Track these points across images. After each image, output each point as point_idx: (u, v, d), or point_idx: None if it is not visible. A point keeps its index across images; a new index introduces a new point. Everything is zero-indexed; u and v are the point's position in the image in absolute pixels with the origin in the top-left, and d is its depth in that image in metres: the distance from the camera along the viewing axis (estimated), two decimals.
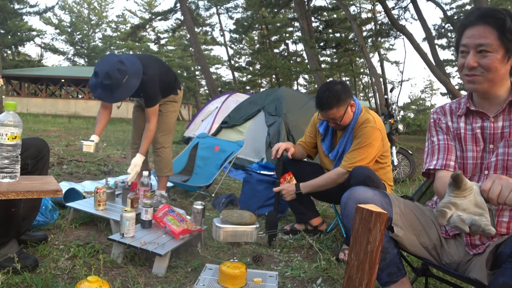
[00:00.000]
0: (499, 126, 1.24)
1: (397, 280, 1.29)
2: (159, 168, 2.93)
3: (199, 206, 2.07)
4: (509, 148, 1.20)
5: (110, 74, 2.32)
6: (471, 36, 1.19)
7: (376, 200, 1.28)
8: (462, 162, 1.32)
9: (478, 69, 1.19)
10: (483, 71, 1.18)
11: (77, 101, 21.63)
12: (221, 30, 29.45)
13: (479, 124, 1.29)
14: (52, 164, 4.34)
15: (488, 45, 1.15)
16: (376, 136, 2.13)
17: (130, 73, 2.42)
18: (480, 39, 1.17)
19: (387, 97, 5.62)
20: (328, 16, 20.39)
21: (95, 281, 1.25)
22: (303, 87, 32.00)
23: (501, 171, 1.20)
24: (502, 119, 1.24)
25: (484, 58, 1.17)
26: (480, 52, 1.17)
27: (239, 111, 5.63)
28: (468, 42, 1.20)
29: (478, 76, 1.19)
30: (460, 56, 1.25)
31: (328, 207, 3.27)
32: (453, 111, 1.37)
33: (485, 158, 1.26)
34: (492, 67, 1.17)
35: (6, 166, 1.34)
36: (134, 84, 2.45)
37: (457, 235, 1.30)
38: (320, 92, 2.16)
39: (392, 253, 1.28)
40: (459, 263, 1.27)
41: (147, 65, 2.60)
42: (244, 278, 1.59)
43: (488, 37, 1.15)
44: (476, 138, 1.29)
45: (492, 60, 1.16)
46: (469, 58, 1.19)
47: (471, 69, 1.19)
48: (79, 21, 35.84)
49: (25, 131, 6.83)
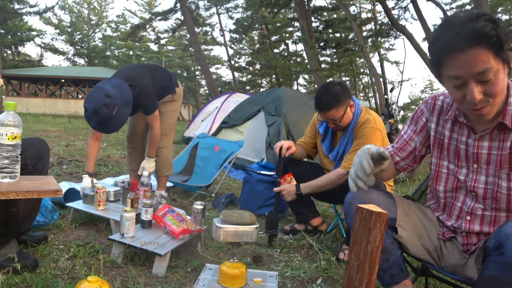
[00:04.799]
0: (484, 146, 1.15)
1: (400, 282, 1.29)
2: (158, 168, 2.93)
3: (199, 206, 2.07)
4: (499, 179, 1.13)
5: (98, 111, 2.30)
6: (465, 65, 0.99)
7: (381, 201, 1.27)
8: (437, 170, 1.29)
9: (484, 99, 1.03)
10: (489, 100, 1.03)
11: (77, 101, 21.60)
12: (221, 30, 29.46)
13: (464, 138, 1.20)
14: (52, 164, 4.34)
15: (489, 71, 0.98)
16: (377, 136, 2.13)
17: (119, 104, 2.36)
18: (478, 66, 0.97)
19: (387, 97, 5.62)
20: (328, 16, 20.40)
21: (95, 281, 1.25)
22: (303, 87, 32.01)
23: (491, 200, 1.16)
24: (489, 138, 1.14)
25: (488, 85, 1.00)
26: (482, 80, 1.00)
27: (239, 111, 5.63)
28: (463, 73, 1.00)
29: (486, 107, 1.04)
30: (455, 89, 1.06)
31: (328, 207, 3.27)
32: (443, 110, 1.27)
33: (469, 176, 1.20)
34: (499, 91, 1.02)
35: (6, 166, 1.34)
36: (126, 114, 2.44)
37: (453, 238, 1.30)
38: (319, 94, 2.15)
39: (395, 254, 1.28)
40: (456, 267, 1.26)
41: (136, 77, 2.58)
42: (244, 278, 1.59)
43: (486, 60, 0.97)
44: (459, 153, 1.22)
45: (498, 84, 1.01)
46: (472, 91, 1.00)
47: (477, 102, 1.03)
48: (79, 21, 35.82)
49: (25, 131, 6.83)
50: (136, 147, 3.02)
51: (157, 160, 2.90)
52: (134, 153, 3.02)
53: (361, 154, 1.14)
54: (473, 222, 1.22)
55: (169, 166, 2.99)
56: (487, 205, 1.18)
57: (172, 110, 2.96)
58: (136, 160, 3.01)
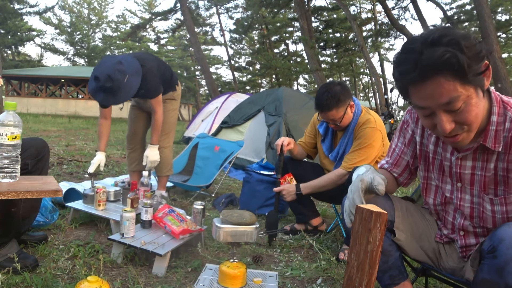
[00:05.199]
0: (467, 166, 1.10)
1: (399, 283, 1.29)
2: (159, 168, 2.92)
3: (199, 206, 2.07)
4: (484, 201, 1.11)
5: (111, 76, 2.31)
6: (428, 96, 0.91)
7: (379, 202, 1.26)
8: (426, 183, 1.29)
9: (457, 127, 0.95)
10: (464, 127, 0.96)
11: (77, 101, 21.62)
12: (221, 30, 29.49)
13: (448, 155, 1.15)
14: (52, 164, 4.34)
15: (457, 99, 0.89)
16: (377, 137, 2.13)
17: (129, 73, 2.40)
18: (443, 97, 0.89)
19: (387, 97, 5.63)
20: (328, 16, 20.41)
21: (95, 281, 1.25)
22: (303, 87, 32.04)
23: (478, 219, 1.15)
24: (472, 158, 1.08)
25: (459, 114, 0.92)
26: (450, 110, 0.92)
27: (239, 111, 5.63)
28: (429, 105, 0.93)
29: (462, 133, 0.97)
30: (424, 118, 0.99)
31: (328, 207, 3.27)
32: None
33: (454, 194, 1.19)
34: (472, 118, 0.93)
35: (6, 166, 1.34)
36: (136, 83, 2.44)
37: (451, 241, 1.29)
38: (319, 94, 2.15)
39: (394, 256, 1.28)
40: (454, 269, 1.26)
41: (143, 59, 2.60)
42: (244, 278, 1.59)
43: (451, 90, 0.88)
44: (443, 169, 1.19)
45: (470, 111, 0.92)
46: (442, 122, 0.93)
47: (450, 132, 0.96)
48: (79, 21, 35.82)
49: (25, 131, 6.83)
50: (136, 147, 3.01)
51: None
52: (134, 153, 3.01)
53: (354, 189, 1.11)
54: (467, 236, 1.22)
55: (170, 166, 2.99)
56: (475, 223, 1.17)
57: (172, 109, 2.96)
58: (136, 160, 3.00)
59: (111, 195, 2.48)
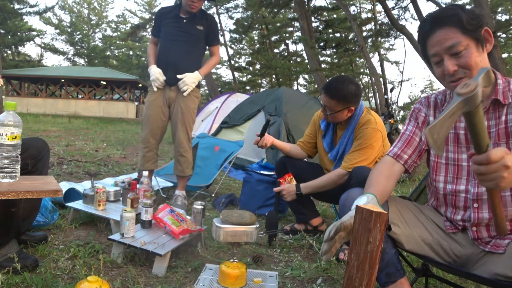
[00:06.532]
0: None
1: (396, 281, 1.28)
2: (182, 169, 2.94)
3: (199, 206, 2.07)
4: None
5: None
6: (437, 43, 1.17)
7: None
8: (439, 162, 1.32)
9: (460, 71, 1.16)
10: (465, 71, 1.16)
11: (77, 101, 21.62)
12: (221, 30, 29.42)
13: (462, 124, 1.26)
14: (52, 164, 4.34)
15: (458, 44, 1.14)
16: (377, 137, 2.13)
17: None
18: (447, 41, 1.15)
19: (387, 97, 5.63)
20: (328, 16, 20.41)
21: (95, 281, 1.25)
22: (303, 87, 32.01)
23: None
24: (486, 118, 1.21)
25: (461, 58, 1.15)
26: (454, 55, 1.15)
27: (239, 111, 5.63)
28: (438, 50, 1.18)
29: (463, 77, 1.16)
30: (436, 67, 1.22)
31: (328, 207, 3.27)
32: (437, 104, 1.35)
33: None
34: (472, 63, 1.14)
35: (6, 166, 1.34)
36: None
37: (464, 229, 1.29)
38: (336, 79, 2.17)
39: (390, 253, 1.27)
40: (471, 255, 1.25)
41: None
42: (244, 278, 1.59)
43: (454, 36, 1.14)
44: (458, 139, 1.27)
45: (470, 57, 1.14)
46: (446, 64, 1.17)
47: (453, 73, 1.17)
48: (79, 21, 35.85)
49: (25, 131, 6.83)
50: (152, 147, 2.98)
51: (183, 161, 2.93)
52: (150, 153, 2.97)
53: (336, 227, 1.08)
54: (481, 208, 1.22)
55: (191, 167, 3.04)
56: None
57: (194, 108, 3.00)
58: (151, 160, 2.98)
59: (111, 195, 2.48)
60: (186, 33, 2.91)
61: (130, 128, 12.35)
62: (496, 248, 1.20)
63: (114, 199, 2.49)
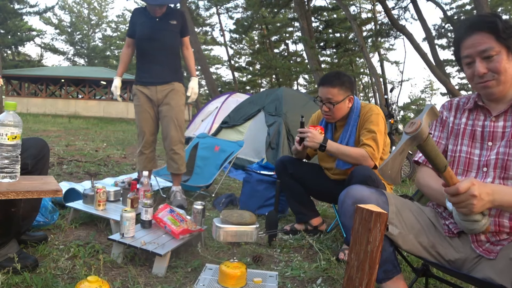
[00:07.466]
0: (499, 126, 1.28)
1: (392, 277, 1.32)
2: (178, 166, 2.97)
3: (199, 206, 2.07)
4: (510, 148, 1.22)
5: None
6: (471, 45, 1.23)
7: (373, 198, 1.29)
8: (454, 156, 1.36)
9: (489, 74, 1.22)
10: (494, 75, 1.22)
11: (77, 101, 21.61)
12: (221, 30, 29.44)
13: (480, 122, 1.33)
14: (52, 164, 4.34)
15: (491, 49, 1.20)
16: (381, 121, 2.20)
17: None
18: (481, 45, 1.21)
19: (387, 97, 5.62)
20: (328, 16, 20.41)
21: (95, 281, 1.25)
22: (303, 87, 32.01)
23: (500, 170, 1.22)
24: (504, 119, 1.27)
25: (491, 62, 1.21)
26: (486, 58, 1.21)
27: (239, 111, 5.62)
28: (471, 52, 1.24)
29: (491, 80, 1.23)
30: (467, 68, 1.28)
31: (328, 207, 3.27)
32: (459, 106, 1.42)
33: (483, 155, 1.28)
34: (501, 68, 1.20)
35: (6, 166, 1.34)
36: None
37: (462, 233, 1.30)
38: (328, 73, 2.25)
39: (388, 251, 1.30)
40: (465, 260, 1.27)
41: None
42: (244, 278, 1.59)
43: (487, 42, 1.20)
44: (474, 135, 1.33)
45: (500, 62, 1.20)
46: (477, 66, 1.22)
47: (483, 76, 1.22)
48: (79, 21, 35.86)
49: (25, 131, 6.83)
50: (149, 147, 3.07)
51: (177, 158, 2.97)
52: (151, 154, 3.08)
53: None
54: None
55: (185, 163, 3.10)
56: (496, 176, 1.23)
57: (183, 104, 3.03)
58: (152, 161, 3.09)
59: (111, 195, 2.48)
60: (163, 30, 2.95)
61: (130, 128, 12.35)
62: (488, 254, 1.22)
63: (114, 199, 2.49)
